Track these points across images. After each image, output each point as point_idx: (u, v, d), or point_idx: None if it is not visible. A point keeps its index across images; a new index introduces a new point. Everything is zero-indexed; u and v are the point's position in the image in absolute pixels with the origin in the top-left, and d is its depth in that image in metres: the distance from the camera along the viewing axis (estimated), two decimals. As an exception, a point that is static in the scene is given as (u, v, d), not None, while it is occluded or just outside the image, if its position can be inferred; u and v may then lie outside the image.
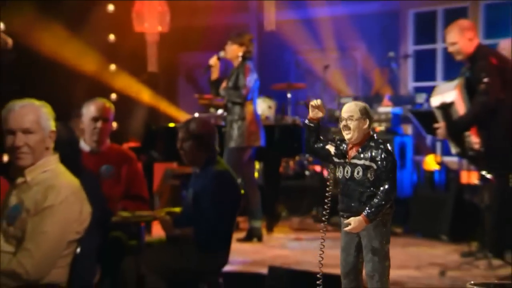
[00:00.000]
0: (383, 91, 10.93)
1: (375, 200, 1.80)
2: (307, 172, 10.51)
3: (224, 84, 8.54)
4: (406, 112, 9.75)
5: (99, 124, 6.35)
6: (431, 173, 10.08)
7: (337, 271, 6.90)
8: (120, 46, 12.22)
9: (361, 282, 1.81)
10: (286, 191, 9.82)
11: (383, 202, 1.81)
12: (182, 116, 12.09)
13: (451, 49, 7.57)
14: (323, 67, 11.18)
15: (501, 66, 7.34)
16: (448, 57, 11.90)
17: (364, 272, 2.19)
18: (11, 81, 11.62)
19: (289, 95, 10.77)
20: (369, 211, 1.80)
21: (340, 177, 1.86)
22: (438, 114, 7.57)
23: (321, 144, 1.98)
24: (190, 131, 5.81)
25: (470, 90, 7.26)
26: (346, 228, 1.83)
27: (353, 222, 1.83)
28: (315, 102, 2.15)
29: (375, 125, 9.49)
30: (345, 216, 1.87)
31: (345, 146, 1.90)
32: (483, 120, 7.21)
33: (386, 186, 1.81)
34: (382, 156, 1.84)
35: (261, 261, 7.14)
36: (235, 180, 5.92)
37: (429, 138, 10.11)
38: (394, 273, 6.73)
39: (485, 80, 7.05)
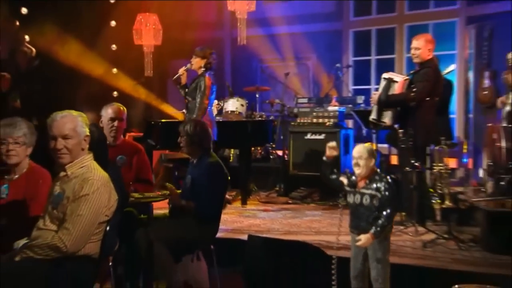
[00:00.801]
0: (331, 93, 10.92)
1: (379, 222, 1.87)
2: (271, 156, 10.57)
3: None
4: (349, 111, 9.80)
5: (115, 123, 6.42)
6: None
7: (296, 237, 6.93)
8: (123, 56, 12.21)
9: (367, 284, 1.94)
10: (255, 171, 9.81)
11: (386, 223, 1.89)
12: (171, 111, 12.16)
13: (413, 52, 7.62)
14: (284, 74, 11.04)
15: (437, 77, 7.51)
16: (379, 66, 12.23)
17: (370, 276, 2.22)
18: (34, 82, 11.61)
19: (257, 96, 10.84)
20: (375, 230, 1.87)
21: (351, 202, 1.94)
22: (382, 84, 7.65)
23: (335, 176, 2.08)
24: (185, 130, 5.90)
25: (410, 83, 7.39)
26: (358, 243, 1.92)
27: (363, 238, 1.92)
28: (332, 144, 2.18)
29: (326, 121, 9.63)
30: (355, 232, 1.96)
31: (355, 179, 1.99)
32: (404, 114, 7.38)
33: (388, 211, 1.88)
34: (385, 187, 1.94)
35: (239, 229, 7.16)
36: (223, 169, 5.91)
37: (365, 131, 10.21)
38: (343, 239, 6.72)
39: (425, 85, 7.21)
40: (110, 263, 5.04)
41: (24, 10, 12.67)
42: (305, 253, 5.90)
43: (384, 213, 1.79)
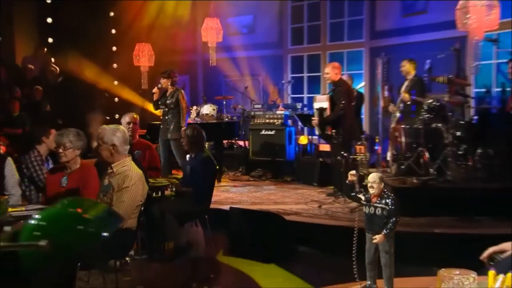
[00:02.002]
0: (278, 101, 10.94)
1: (388, 226, 1.84)
2: (235, 146, 10.62)
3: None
4: (291, 113, 9.81)
5: (131, 126, 6.38)
6: (305, 146, 10.15)
7: (261, 206, 6.91)
8: (126, 73, 12.11)
9: (377, 269, 1.92)
10: (226, 157, 9.78)
11: (393, 227, 1.85)
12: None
13: (325, 75, 7.63)
14: (244, 87, 11.15)
15: (348, 91, 7.54)
16: (310, 81, 12.24)
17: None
18: (59, 95, 11.44)
19: (224, 102, 10.79)
20: (386, 232, 1.85)
21: (366, 212, 1.91)
22: (316, 112, 7.55)
23: (354, 193, 2.08)
24: (186, 133, 5.85)
25: (332, 102, 7.32)
26: (374, 241, 1.90)
27: (378, 238, 1.83)
28: (352, 172, 2.18)
29: (275, 121, 9.61)
30: (370, 233, 1.93)
31: (369, 196, 1.95)
32: (336, 120, 7.29)
33: (394, 219, 1.87)
34: (391, 203, 1.90)
35: (219, 201, 7.08)
36: (213, 161, 5.83)
37: (301, 127, 10.31)
38: (293, 207, 6.95)
39: (342, 100, 7.17)
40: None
41: (50, 40, 12.49)
42: (269, 218, 5.87)
43: (391, 220, 1.79)
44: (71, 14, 11.86)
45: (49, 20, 12.34)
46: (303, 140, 10.27)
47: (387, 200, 1.94)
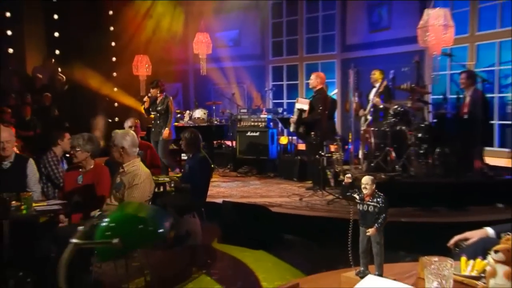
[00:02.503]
0: (261, 106, 10.95)
1: (379, 221, 1.88)
2: (223, 146, 10.61)
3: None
4: (273, 117, 9.81)
5: (133, 129, 6.19)
6: (285, 145, 10.14)
7: (249, 199, 6.90)
8: (125, 81, 12.02)
9: (369, 257, 1.94)
10: (216, 155, 9.71)
11: (383, 222, 1.87)
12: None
13: (310, 82, 7.70)
14: (231, 94, 11.13)
15: (325, 99, 7.56)
16: (289, 88, 12.19)
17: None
18: (66, 101, 11.36)
19: (213, 107, 10.78)
20: (377, 226, 1.88)
21: (360, 209, 1.90)
22: (296, 112, 7.64)
23: (350, 193, 2.04)
24: (184, 136, 5.83)
25: (311, 106, 7.45)
26: (367, 234, 1.89)
27: (371, 231, 1.86)
28: (348, 175, 2.19)
29: (259, 124, 9.60)
30: (364, 227, 1.90)
31: (363, 195, 1.92)
32: (313, 123, 7.39)
33: (384, 215, 1.90)
34: (382, 201, 1.93)
35: (212, 195, 6.86)
36: (209, 161, 5.84)
37: (282, 129, 10.34)
38: (277, 200, 6.96)
39: (320, 107, 7.24)
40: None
41: (57, 52, 12.39)
42: (257, 210, 5.90)
43: (382, 216, 1.83)
44: (76, 29, 11.78)
45: (56, 34, 12.30)
46: (284, 140, 10.27)
47: (378, 199, 1.99)
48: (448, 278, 1.75)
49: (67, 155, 5.43)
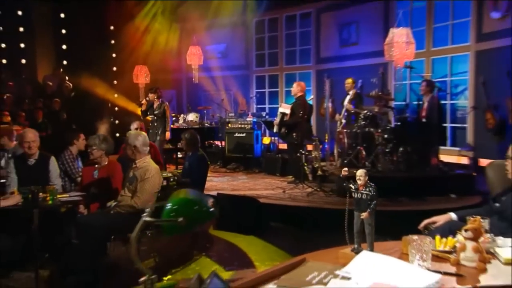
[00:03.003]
0: (246, 110, 10.95)
1: (371, 206, 1.93)
2: (213, 145, 10.57)
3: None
4: (258, 120, 9.82)
5: (138, 130, 6.20)
6: (268, 145, 10.11)
7: (239, 192, 6.88)
8: (126, 89, 11.95)
9: (362, 237, 1.94)
10: (207, 154, 9.57)
11: (374, 207, 1.90)
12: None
13: (292, 89, 7.73)
14: (221, 99, 11.11)
15: (305, 105, 7.57)
16: (270, 95, 12.16)
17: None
18: (71, 106, 11.22)
19: (204, 112, 10.78)
20: (369, 210, 1.93)
21: (355, 197, 2.05)
22: (279, 115, 7.73)
23: (346, 184, 2.06)
24: (185, 137, 5.80)
25: (292, 111, 7.52)
26: (361, 217, 2.03)
27: (364, 215, 1.89)
28: (345, 168, 2.19)
29: (245, 126, 9.58)
30: (358, 211, 2.04)
31: (357, 185, 2.05)
32: (293, 125, 7.48)
33: (374, 201, 1.95)
34: (373, 190, 1.97)
35: (206, 189, 6.59)
36: (206, 159, 5.84)
37: (264, 130, 10.33)
38: (264, 192, 6.99)
39: (300, 111, 7.31)
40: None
41: (64, 62, 12.28)
42: (248, 201, 5.95)
43: (373, 202, 1.88)
44: (81, 42, 11.72)
45: (64, 46, 12.21)
46: (266, 140, 10.25)
47: (370, 189, 2.05)
48: (427, 252, 1.84)
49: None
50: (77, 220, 4.08)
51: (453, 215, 2.82)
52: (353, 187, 2.10)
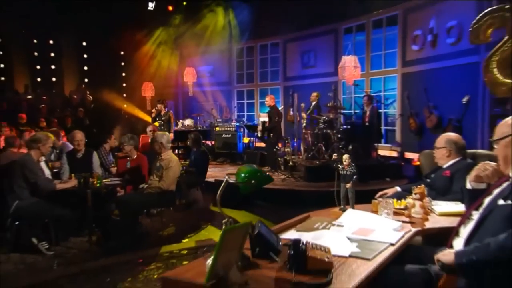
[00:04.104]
0: (231, 116, 10.94)
1: (353, 178, 2.02)
2: (205, 144, 10.39)
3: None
4: (240, 124, 9.71)
5: (152, 132, 6.41)
6: (247, 143, 10.06)
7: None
8: (136, 100, 11.88)
9: (346, 200, 2.13)
10: None
11: (355, 179, 1.99)
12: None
13: (266, 101, 7.74)
14: (210, 109, 11.07)
15: (278, 112, 7.71)
16: (248, 106, 12.07)
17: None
18: (92, 116, 11.10)
19: (198, 118, 10.80)
20: (352, 181, 2.01)
21: (342, 173, 2.10)
22: (261, 124, 7.77)
23: (335, 164, 2.18)
24: (191, 136, 5.81)
25: (269, 118, 7.59)
26: (346, 186, 2.10)
27: (348, 185, 2.07)
28: (336, 154, 2.30)
29: (230, 129, 9.45)
30: (343, 183, 2.10)
31: (343, 165, 2.11)
32: (271, 129, 7.64)
33: (355, 176, 2.08)
34: (354, 168, 1.98)
35: None
36: (207, 154, 5.83)
37: (244, 132, 10.18)
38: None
39: (276, 117, 7.42)
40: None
41: (86, 80, 12.14)
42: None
43: (354, 176, 2.00)
44: (99, 64, 11.68)
45: (86, 67, 12.14)
46: (246, 140, 10.26)
47: (352, 167, 2.22)
48: (391, 209, 2.10)
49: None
50: (118, 199, 4.15)
51: (398, 188, 3.03)
52: (340, 166, 2.30)
